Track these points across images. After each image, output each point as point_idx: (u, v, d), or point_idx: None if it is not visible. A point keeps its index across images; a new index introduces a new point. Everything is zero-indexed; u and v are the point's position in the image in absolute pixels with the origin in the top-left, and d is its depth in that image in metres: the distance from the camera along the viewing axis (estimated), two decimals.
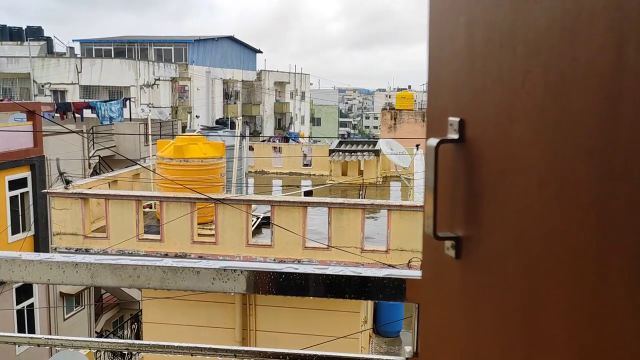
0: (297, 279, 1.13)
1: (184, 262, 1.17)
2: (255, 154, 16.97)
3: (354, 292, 1.12)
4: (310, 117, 70.72)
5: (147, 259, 1.18)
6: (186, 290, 1.17)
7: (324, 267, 1.15)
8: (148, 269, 1.15)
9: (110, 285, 1.17)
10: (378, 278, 1.09)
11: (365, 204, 9.32)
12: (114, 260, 1.16)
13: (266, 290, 1.14)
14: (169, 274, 1.15)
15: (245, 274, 1.14)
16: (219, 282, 1.14)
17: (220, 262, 1.17)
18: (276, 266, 1.15)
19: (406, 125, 40.78)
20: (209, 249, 9.82)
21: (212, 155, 10.72)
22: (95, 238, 10.32)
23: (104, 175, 11.99)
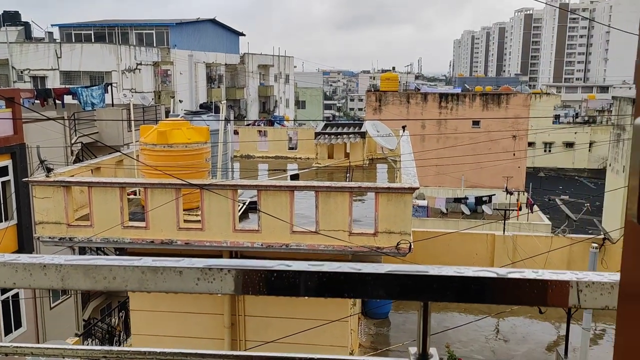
0: (291, 278, 1.02)
1: (165, 261, 1.05)
2: (241, 138, 16.77)
3: (352, 290, 1.02)
4: (294, 100, 70.28)
5: (124, 258, 1.06)
6: (168, 292, 1.06)
7: (320, 264, 1.04)
8: (125, 269, 1.04)
9: (84, 288, 1.05)
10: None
11: (353, 187, 9.23)
12: (86, 261, 1.05)
13: (256, 291, 1.03)
14: (149, 274, 1.03)
15: (232, 274, 1.03)
16: (204, 282, 1.03)
17: (206, 260, 1.06)
18: (267, 264, 1.04)
19: (391, 106, 40.66)
20: (195, 235, 9.69)
21: (196, 140, 10.53)
22: (79, 226, 10.13)
23: (86, 163, 11.75)
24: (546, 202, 40.96)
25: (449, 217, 31.66)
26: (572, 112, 73.12)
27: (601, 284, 0.99)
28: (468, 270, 1.02)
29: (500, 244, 16.53)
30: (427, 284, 1.01)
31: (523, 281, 0.99)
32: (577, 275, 1.00)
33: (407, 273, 1.01)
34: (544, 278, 0.99)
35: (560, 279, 0.99)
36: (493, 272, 1.01)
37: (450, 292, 1.01)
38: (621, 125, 28.65)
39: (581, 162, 60.54)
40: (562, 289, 0.99)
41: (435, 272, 1.01)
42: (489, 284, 1.00)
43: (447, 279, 1.01)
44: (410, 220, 9.08)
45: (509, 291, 1.00)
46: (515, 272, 1.01)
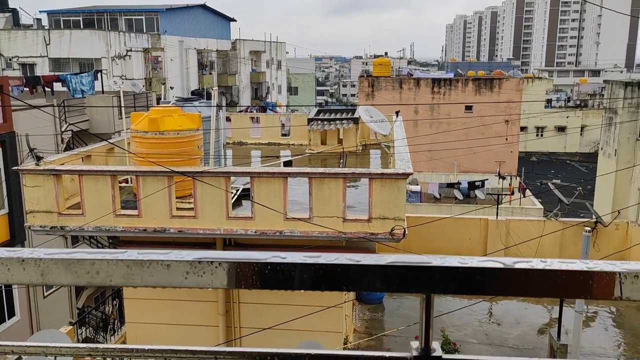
0: (285, 270, 0.97)
1: (151, 253, 0.99)
2: (233, 125, 16.64)
3: (351, 282, 0.96)
4: (287, 86, 69.92)
5: (108, 251, 1.00)
6: (155, 286, 1.00)
7: (316, 255, 0.98)
8: (109, 263, 0.98)
9: (65, 284, 0.99)
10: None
11: (346, 173, 9.17)
12: (67, 255, 0.98)
13: (249, 284, 0.97)
14: (134, 268, 0.97)
15: (223, 267, 0.97)
16: (194, 276, 0.97)
17: (195, 252, 1.00)
18: (260, 255, 0.98)
19: (384, 92, 40.52)
20: (188, 223, 9.62)
21: (188, 127, 10.42)
22: (71, 215, 10.03)
23: (76, 150, 11.62)
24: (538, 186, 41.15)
25: (442, 202, 31.72)
26: (564, 96, 73.22)
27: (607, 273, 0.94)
28: (473, 260, 0.97)
29: (494, 229, 16.58)
30: (430, 275, 0.96)
31: (531, 271, 0.94)
32: (587, 265, 0.95)
33: (409, 264, 0.96)
34: (553, 268, 0.94)
35: (571, 268, 0.94)
36: (499, 262, 0.96)
37: (454, 283, 0.95)
38: (613, 109, 28.68)
39: (573, 146, 60.74)
40: (571, 279, 0.94)
41: (438, 262, 0.96)
42: (495, 275, 0.95)
43: (450, 270, 0.95)
44: (404, 206, 9.05)
45: (515, 282, 0.95)
46: (523, 262, 0.96)
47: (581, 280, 0.94)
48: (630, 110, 26.73)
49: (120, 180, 11.21)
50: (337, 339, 10.51)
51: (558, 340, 11.03)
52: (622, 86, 28.26)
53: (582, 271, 0.94)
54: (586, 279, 0.94)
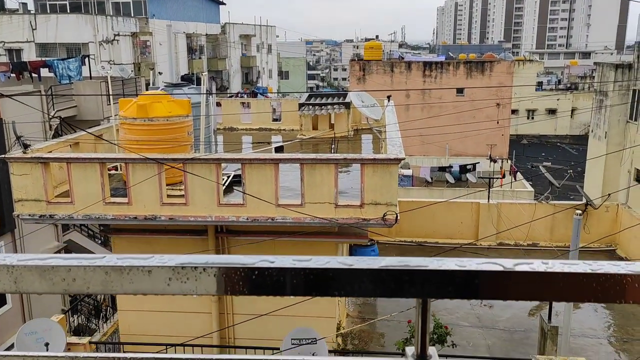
0: (274, 275, 0.91)
1: (131, 259, 0.93)
2: (223, 111, 16.50)
3: (343, 287, 0.91)
4: (277, 70, 69.43)
5: (86, 256, 0.94)
6: (135, 294, 0.95)
7: (306, 258, 0.93)
8: (85, 270, 0.92)
9: (40, 291, 0.94)
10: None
11: (338, 158, 9.12)
12: (42, 261, 0.92)
13: (236, 291, 0.92)
14: (113, 275, 0.92)
15: (208, 272, 0.91)
16: (177, 282, 0.92)
17: (178, 257, 0.94)
18: (247, 260, 0.92)
19: (375, 76, 40.33)
20: (179, 210, 9.55)
21: (177, 114, 10.29)
22: (60, 203, 9.92)
23: (64, 138, 11.47)
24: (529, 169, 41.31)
25: (433, 186, 31.79)
26: (554, 79, 73.28)
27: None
28: (471, 263, 0.92)
29: (485, 212, 16.64)
30: (426, 279, 0.91)
31: (532, 274, 0.90)
32: (590, 267, 0.90)
33: (404, 268, 0.91)
34: (555, 270, 0.90)
35: (574, 270, 0.90)
36: (499, 264, 0.91)
37: (451, 287, 0.90)
38: (603, 92, 28.73)
39: (563, 129, 60.94)
40: (574, 282, 0.89)
41: (434, 266, 0.91)
42: (494, 278, 0.90)
43: (447, 274, 0.90)
44: (397, 191, 9.02)
45: (515, 286, 0.90)
46: (523, 264, 0.91)
47: (584, 282, 0.89)
48: (620, 93, 26.79)
49: (109, 168, 11.09)
50: (331, 324, 10.54)
51: (549, 322, 11.12)
52: (612, 68, 28.28)
53: (586, 273, 0.89)
54: (590, 282, 0.89)
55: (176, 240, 10.41)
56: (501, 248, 16.34)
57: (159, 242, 10.51)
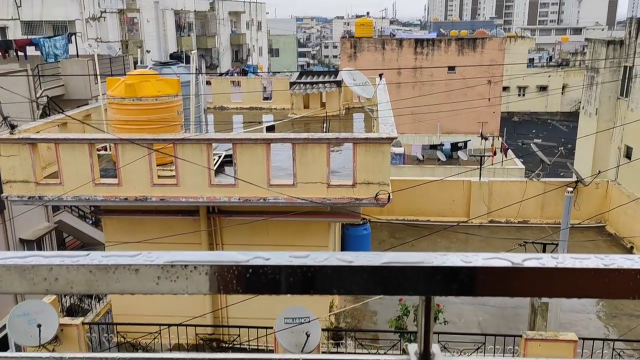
0: (269, 273, 0.86)
1: (117, 257, 0.88)
2: (213, 89, 16.31)
3: (343, 285, 0.86)
4: (268, 48, 68.72)
5: (68, 254, 0.89)
6: (122, 293, 0.90)
7: (304, 255, 0.88)
8: (68, 269, 0.86)
9: (21, 291, 0.88)
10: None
11: (330, 138, 9.05)
12: (22, 260, 0.87)
13: (229, 290, 0.87)
14: (98, 274, 0.86)
15: (199, 270, 0.86)
16: (166, 281, 0.87)
17: (168, 253, 0.89)
18: (240, 257, 0.87)
19: (366, 53, 40.00)
20: (170, 191, 9.47)
21: (166, 93, 10.14)
22: (49, 185, 9.81)
23: (51, 118, 11.29)
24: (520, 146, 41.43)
25: (425, 164, 31.83)
26: (546, 55, 73.10)
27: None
28: (477, 258, 0.87)
29: (477, 190, 16.68)
30: (430, 276, 0.86)
31: (541, 270, 0.85)
32: (603, 261, 0.86)
33: (407, 265, 0.86)
34: (565, 266, 0.85)
35: (585, 265, 0.85)
36: (507, 260, 0.86)
37: (456, 284, 0.86)
38: (595, 68, 28.70)
39: (554, 106, 61.00)
40: (586, 277, 0.85)
41: (439, 262, 0.86)
42: (502, 274, 0.86)
43: (453, 270, 0.86)
44: (389, 170, 8.99)
45: (524, 282, 0.86)
46: (532, 259, 0.87)
47: (596, 278, 0.85)
48: (611, 69, 26.77)
49: (98, 148, 10.96)
50: (324, 303, 10.59)
51: (539, 298, 11.25)
52: (604, 44, 28.21)
53: (598, 269, 0.85)
54: (602, 277, 0.85)
55: (168, 220, 10.35)
56: (492, 226, 16.43)
57: (150, 223, 10.45)
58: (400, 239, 15.56)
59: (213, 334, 10.61)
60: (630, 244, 15.40)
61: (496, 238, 15.89)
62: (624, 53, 26.13)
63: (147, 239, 10.21)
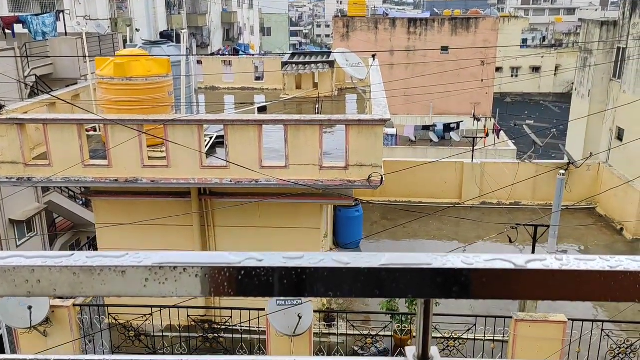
0: (262, 275, 0.83)
1: (103, 257, 0.84)
2: (204, 69, 16.11)
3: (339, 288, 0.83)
4: (259, 27, 67.94)
5: (52, 254, 0.84)
6: (109, 296, 0.86)
7: (298, 255, 0.85)
8: (51, 271, 0.82)
9: (1, 294, 0.84)
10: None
11: (323, 119, 8.98)
12: (3, 261, 0.82)
13: (220, 292, 0.83)
14: (82, 276, 0.82)
15: (189, 272, 0.82)
16: (154, 284, 0.83)
17: (156, 254, 0.85)
18: (232, 258, 0.83)
19: (359, 33, 39.66)
20: (161, 172, 9.39)
21: (157, 73, 10.00)
22: (37, 166, 9.70)
23: (39, 98, 11.12)
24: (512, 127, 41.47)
25: (417, 145, 31.81)
26: (539, 36, 72.84)
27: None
28: (479, 259, 0.84)
29: (469, 172, 16.70)
30: (430, 279, 0.83)
31: (545, 272, 0.82)
32: (608, 263, 0.83)
33: (406, 267, 0.82)
34: (570, 268, 0.82)
35: (590, 267, 0.82)
36: (509, 262, 0.83)
37: (457, 287, 0.83)
38: (588, 49, 28.62)
39: (547, 87, 60.99)
40: (591, 280, 0.82)
41: (439, 264, 0.83)
42: (505, 277, 0.83)
43: (454, 272, 0.82)
44: (382, 152, 8.95)
45: (527, 285, 0.83)
46: (536, 261, 0.83)
47: (602, 281, 0.82)
48: (605, 50, 26.72)
49: (87, 129, 10.83)
50: None
51: None
52: (597, 25, 28.09)
53: (604, 271, 0.82)
54: (608, 280, 0.82)
55: (159, 202, 10.29)
56: (484, 207, 16.49)
57: (141, 205, 10.39)
58: (392, 220, 15.59)
59: (205, 316, 10.63)
60: (621, 226, 15.53)
61: (488, 221, 15.98)
62: (618, 34, 26.06)
63: (138, 221, 10.15)
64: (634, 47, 23.58)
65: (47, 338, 9.61)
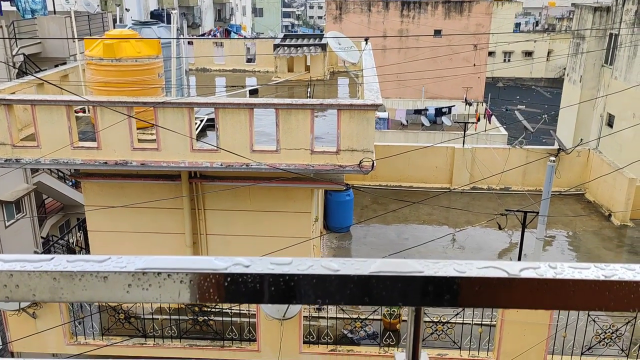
0: (249, 282, 0.80)
1: (84, 262, 0.81)
2: (195, 50, 15.93)
3: (328, 295, 0.81)
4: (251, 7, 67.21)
5: (31, 258, 0.81)
6: (90, 301, 0.83)
7: (286, 262, 0.82)
8: (30, 276, 0.79)
9: None
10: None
11: (314, 104, 8.91)
12: None
13: (206, 298, 0.81)
14: (62, 281, 0.79)
15: (174, 278, 0.80)
16: (138, 289, 0.80)
17: (140, 258, 0.82)
18: (218, 264, 0.81)
19: (352, 15, 39.34)
20: (151, 155, 9.31)
21: (147, 54, 9.86)
22: (26, 147, 9.58)
23: (27, 79, 10.95)
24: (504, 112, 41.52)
25: (409, 129, 31.80)
26: (532, 20, 72.63)
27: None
28: (471, 267, 0.82)
29: (460, 156, 16.72)
30: (421, 287, 0.81)
31: (538, 281, 0.80)
32: (603, 272, 0.81)
33: (397, 274, 0.80)
34: (564, 277, 0.80)
35: (585, 277, 0.81)
36: (502, 269, 0.81)
37: (449, 295, 0.81)
38: (580, 35, 28.59)
39: (539, 72, 61.00)
40: (585, 289, 0.81)
41: (431, 272, 0.81)
42: (497, 285, 0.81)
43: (446, 281, 0.80)
44: (373, 137, 8.91)
45: (520, 294, 0.81)
46: (529, 269, 0.82)
47: (596, 291, 0.80)
48: (597, 37, 26.69)
49: (76, 110, 10.69)
50: None
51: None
52: (590, 11, 28.04)
53: (598, 281, 0.80)
54: (602, 290, 0.80)
55: (149, 185, 10.22)
56: (474, 192, 16.56)
57: (131, 187, 10.32)
58: (383, 204, 15.62)
59: None
60: (609, 212, 15.66)
61: (478, 206, 16.05)
62: (611, 20, 26.03)
63: (128, 204, 10.10)
64: (626, 34, 23.58)
65: (37, 320, 9.59)
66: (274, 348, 9.93)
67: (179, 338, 10.42)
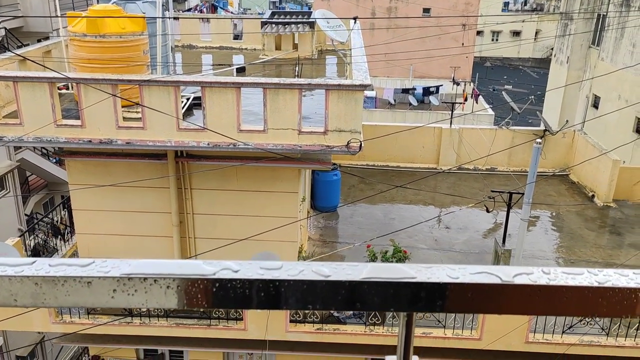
0: (238, 288, 0.78)
1: (67, 267, 0.78)
2: (181, 27, 15.66)
3: (319, 301, 0.79)
4: None
5: (12, 262, 0.79)
6: (74, 306, 0.81)
7: (276, 266, 0.80)
8: (10, 281, 0.77)
9: None
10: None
11: (302, 83, 8.83)
12: None
13: (194, 304, 0.79)
14: (45, 287, 0.77)
15: (160, 284, 0.78)
16: (123, 295, 0.78)
17: (125, 263, 0.80)
18: (206, 269, 0.79)
19: None
20: (136, 134, 9.20)
21: (131, 30, 9.67)
22: (8, 125, 9.41)
23: (8, 55, 10.70)
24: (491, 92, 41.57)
25: (396, 108, 31.73)
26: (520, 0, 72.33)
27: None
28: (464, 272, 0.81)
29: (447, 137, 16.76)
30: (414, 293, 0.79)
31: (532, 287, 0.79)
32: (596, 277, 0.81)
33: (389, 281, 0.79)
34: (558, 283, 0.79)
35: (578, 283, 0.80)
36: (496, 275, 0.80)
37: (442, 301, 0.79)
38: (569, 15, 28.56)
39: (526, 52, 61.01)
40: (578, 296, 0.80)
41: (423, 277, 0.79)
42: (491, 291, 0.80)
43: (438, 287, 0.79)
44: (361, 118, 8.88)
45: (513, 299, 0.80)
46: (523, 275, 0.81)
47: (590, 297, 0.80)
48: (585, 18, 26.68)
49: (59, 87, 10.50)
50: (292, 248, 10.67)
51: (503, 245, 11.56)
52: None
53: (592, 287, 0.79)
54: (595, 296, 0.80)
55: (134, 164, 10.12)
56: (460, 172, 16.63)
57: (116, 166, 10.21)
58: (370, 184, 15.65)
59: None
60: (592, 193, 15.84)
61: (464, 187, 16.14)
62: (599, 1, 25.99)
63: (114, 183, 10.00)
64: (614, 15, 23.59)
65: None
66: (261, 327, 9.99)
67: (165, 317, 10.44)
